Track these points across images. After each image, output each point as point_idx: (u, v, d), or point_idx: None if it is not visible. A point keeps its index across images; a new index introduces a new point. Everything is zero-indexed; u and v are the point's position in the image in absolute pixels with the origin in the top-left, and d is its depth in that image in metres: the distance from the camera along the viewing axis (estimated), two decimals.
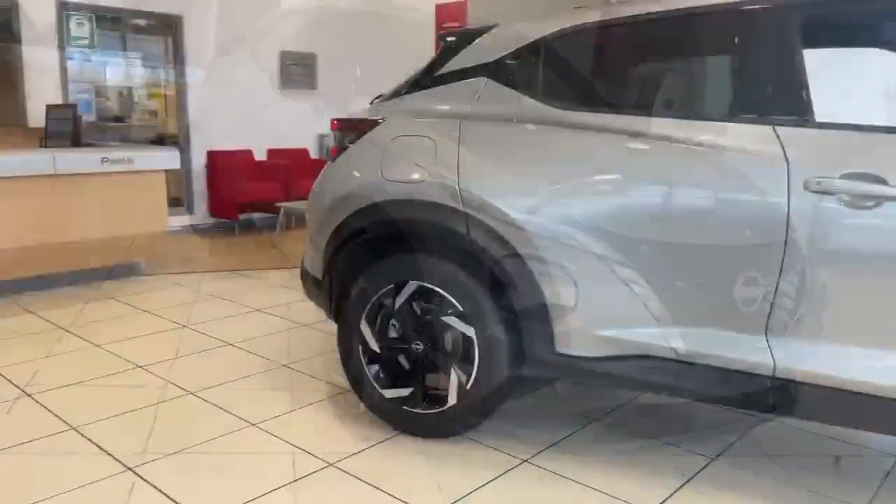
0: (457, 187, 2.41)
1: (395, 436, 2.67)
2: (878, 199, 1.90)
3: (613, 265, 2.22)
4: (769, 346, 2.09)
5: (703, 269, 2.13)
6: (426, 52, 4.76)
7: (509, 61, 2.54)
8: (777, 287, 2.05)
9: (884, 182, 1.89)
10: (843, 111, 2.62)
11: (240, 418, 2.82)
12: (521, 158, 2.38)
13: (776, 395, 2.09)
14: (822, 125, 2.10)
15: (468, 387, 2.49)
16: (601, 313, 2.27)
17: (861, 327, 1.98)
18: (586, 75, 2.54)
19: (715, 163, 2.12)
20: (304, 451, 2.55)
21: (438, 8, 7.81)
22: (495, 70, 2.55)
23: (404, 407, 2.64)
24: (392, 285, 2.60)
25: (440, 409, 2.57)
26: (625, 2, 2.52)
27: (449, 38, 2.81)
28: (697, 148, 2.14)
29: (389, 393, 2.67)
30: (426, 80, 2.74)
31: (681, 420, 2.82)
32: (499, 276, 2.38)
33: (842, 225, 1.95)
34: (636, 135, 2.23)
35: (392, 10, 9.05)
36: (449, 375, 2.54)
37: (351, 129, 2.79)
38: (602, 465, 2.47)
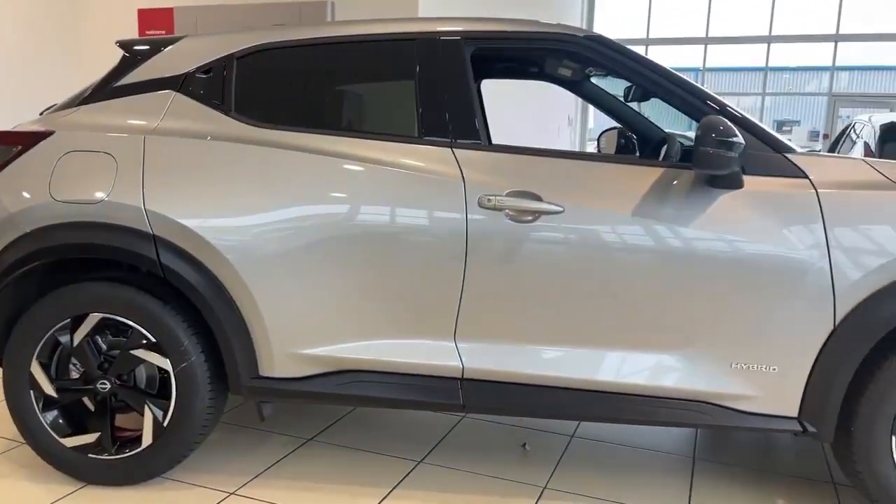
0: (142, 208, 2.23)
1: (81, 489, 2.37)
2: (536, 214, 2.16)
3: (311, 284, 2.23)
4: (458, 350, 2.26)
5: (395, 282, 2.23)
6: None
7: (200, 75, 2.43)
8: (461, 295, 2.23)
9: (539, 199, 2.17)
10: (509, 135, 2.96)
11: None
12: (213, 177, 2.27)
13: (466, 395, 2.26)
14: (492, 148, 2.35)
15: (165, 423, 2.31)
16: (302, 333, 2.27)
17: (531, 326, 2.24)
18: (280, 93, 2.52)
19: (403, 182, 2.24)
20: None
21: (141, 13, 7.23)
22: (184, 84, 2.42)
23: (90, 455, 2.36)
24: (69, 319, 2.31)
25: (134, 452, 2.34)
26: (326, 23, 2.56)
27: (137, 48, 2.59)
28: (387, 167, 2.25)
29: (71, 441, 2.37)
30: (106, 90, 2.49)
31: (390, 428, 2.93)
32: (194, 301, 2.26)
33: (509, 237, 2.18)
34: (328, 154, 2.27)
35: (87, 10, 8.16)
36: (143, 414, 2.33)
37: (11, 144, 2.42)
38: (314, 483, 2.46)
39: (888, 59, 13.75)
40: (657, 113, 2.36)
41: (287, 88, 2.54)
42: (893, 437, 2.10)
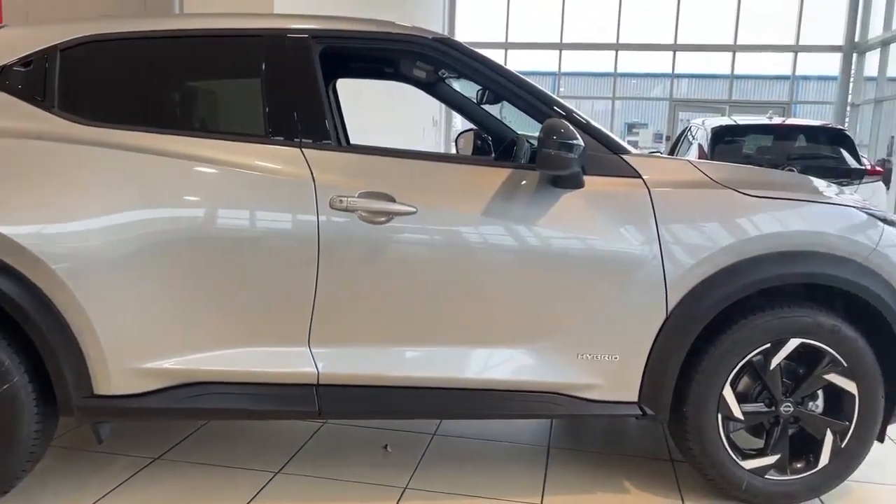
0: None
1: None
2: (389, 215, 2.15)
3: (150, 293, 2.10)
4: (312, 355, 2.20)
5: (244, 289, 2.14)
6: None
7: (18, 69, 2.21)
8: (315, 299, 2.17)
9: (392, 199, 2.16)
10: (362, 136, 2.94)
11: None
12: (34, 180, 2.07)
13: (322, 401, 2.22)
14: (344, 148, 2.32)
15: None
16: (143, 345, 2.12)
17: (387, 328, 2.23)
18: (111, 89, 2.35)
19: (249, 183, 2.15)
20: None
21: None
22: (0, 77, 2.19)
23: None
24: None
25: None
26: (165, 16, 2.41)
27: None
28: (232, 168, 2.15)
29: None
30: None
31: (245, 440, 2.80)
32: (14, 316, 2.05)
33: (363, 239, 2.16)
34: (165, 154, 2.14)
35: None
36: None
37: None
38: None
39: (721, 68, 15.11)
40: (521, 115, 2.41)
41: (120, 84, 2.37)
42: (720, 416, 2.29)
